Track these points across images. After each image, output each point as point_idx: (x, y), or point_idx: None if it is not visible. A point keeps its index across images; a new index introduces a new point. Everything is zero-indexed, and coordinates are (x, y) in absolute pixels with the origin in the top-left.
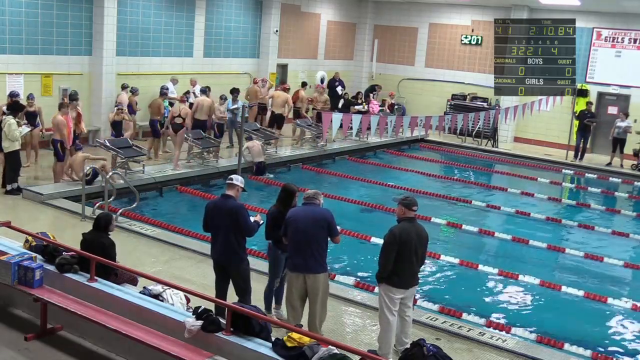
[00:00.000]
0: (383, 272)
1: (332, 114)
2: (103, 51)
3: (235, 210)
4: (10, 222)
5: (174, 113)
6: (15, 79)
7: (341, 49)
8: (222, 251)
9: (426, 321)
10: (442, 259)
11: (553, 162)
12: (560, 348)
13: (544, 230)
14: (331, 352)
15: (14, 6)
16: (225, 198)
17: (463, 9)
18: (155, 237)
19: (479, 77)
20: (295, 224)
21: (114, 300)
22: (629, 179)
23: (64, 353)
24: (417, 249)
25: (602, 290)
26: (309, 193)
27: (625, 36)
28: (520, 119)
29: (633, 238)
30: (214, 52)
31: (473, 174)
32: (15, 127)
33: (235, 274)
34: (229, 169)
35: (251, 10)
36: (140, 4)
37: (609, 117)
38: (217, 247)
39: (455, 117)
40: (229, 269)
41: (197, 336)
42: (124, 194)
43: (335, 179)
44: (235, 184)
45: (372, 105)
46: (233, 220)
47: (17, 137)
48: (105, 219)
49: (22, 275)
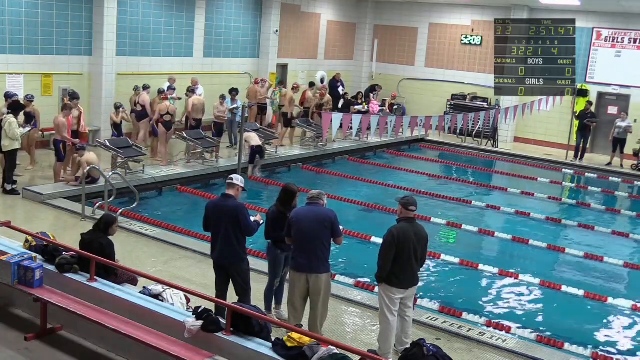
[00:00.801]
0: (382, 272)
1: (332, 114)
2: (103, 51)
3: (235, 209)
4: (10, 222)
5: (162, 111)
6: (15, 79)
7: (341, 49)
8: (222, 251)
9: (426, 321)
10: (442, 258)
11: (553, 162)
12: (560, 348)
13: (544, 230)
14: (331, 352)
15: (14, 6)
16: (225, 197)
17: (463, 9)
18: (155, 237)
19: (479, 77)
20: (299, 224)
21: (114, 300)
22: (629, 179)
23: (64, 353)
24: (416, 249)
25: (602, 290)
26: (313, 193)
27: (625, 36)
28: (520, 119)
29: (633, 238)
30: (214, 52)
31: (473, 174)
32: (16, 126)
33: (235, 274)
34: (229, 169)
35: (251, 10)
36: (140, 4)
37: (609, 117)
38: (217, 247)
39: (455, 117)
40: (229, 269)
41: (197, 336)
42: (124, 194)
43: (335, 179)
44: (236, 183)
45: (372, 106)
46: (233, 219)
47: (18, 137)
48: (106, 220)
49: (22, 275)
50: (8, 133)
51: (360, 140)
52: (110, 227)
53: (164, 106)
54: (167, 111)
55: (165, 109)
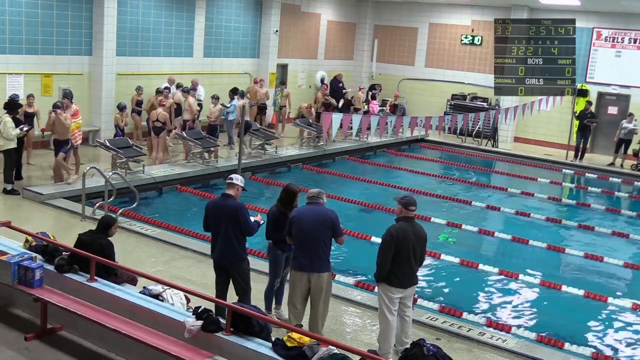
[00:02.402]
0: (381, 272)
1: (332, 114)
2: (103, 51)
3: (235, 209)
4: (10, 222)
5: (152, 118)
6: (15, 79)
7: (341, 49)
8: (222, 251)
9: (426, 321)
10: (442, 258)
11: (553, 162)
12: (561, 348)
13: (544, 230)
14: (331, 352)
15: (14, 6)
16: (225, 197)
17: (463, 9)
18: (155, 237)
19: (479, 77)
20: (300, 223)
21: (114, 300)
22: (629, 179)
23: (64, 353)
24: (415, 249)
25: (602, 289)
26: (312, 192)
27: (625, 36)
28: (520, 119)
29: (633, 238)
30: (214, 52)
31: (473, 174)
32: (11, 126)
33: (235, 274)
34: (229, 168)
35: (251, 10)
36: (140, 4)
37: (609, 117)
38: (218, 247)
39: (455, 117)
40: (230, 269)
41: (197, 336)
42: (124, 194)
43: (335, 179)
44: (236, 183)
45: (372, 106)
46: (233, 219)
47: (13, 136)
48: (105, 221)
49: (22, 275)
50: (2, 133)
51: (360, 140)
52: (109, 228)
53: (154, 113)
54: (157, 117)
55: (155, 116)
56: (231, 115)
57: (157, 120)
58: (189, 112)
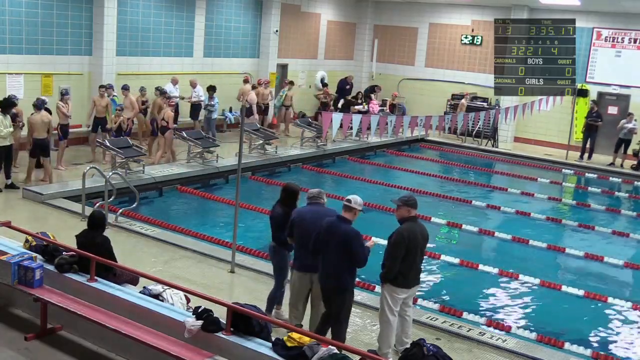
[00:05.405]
0: (390, 273)
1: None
2: (103, 51)
3: (347, 236)
4: (10, 222)
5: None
6: (15, 79)
7: (341, 49)
8: (327, 275)
9: (426, 321)
10: (442, 258)
11: (553, 162)
12: (560, 348)
13: (544, 230)
14: (331, 352)
15: (14, 6)
16: (340, 220)
17: (463, 9)
18: (155, 237)
19: (479, 77)
20: (302, 223)
21: (114, 300)
22: (629, 179)
23: (64, 353)
24: (421, 249)
25: (602, 289)
26: (312, 192)
27: (625, 36)
28: (520, 119)
29: (633, 238)
30: (214, 52)
31: (473, 174)
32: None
33: (333, 304)
34: (229, 168)
35: (251, 10)
36: (140, 4)
37: (609, 117)
38: (323, 270)
39: (455, 117)
40: (329, 295)
41: (197, 336)
42: (124, 194)
43: (335, 179)
44: (354, 207)
45: (372, 105)
46: (343, 246)
47: (5, 134)
48: (98, 216)
49: (22, 275)
50: None
51: (360, 140)
52: (104, 221)
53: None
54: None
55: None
56: (214, 113)
57: (163, 120)
58: (129, 110)
